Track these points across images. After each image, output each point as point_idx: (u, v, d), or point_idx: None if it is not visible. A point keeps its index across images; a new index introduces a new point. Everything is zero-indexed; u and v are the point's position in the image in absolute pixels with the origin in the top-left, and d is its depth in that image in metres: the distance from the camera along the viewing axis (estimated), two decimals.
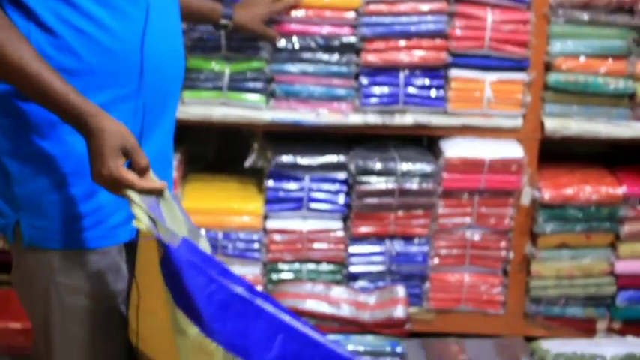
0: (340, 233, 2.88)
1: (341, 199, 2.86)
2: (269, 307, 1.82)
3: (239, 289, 1.80)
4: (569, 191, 2.88)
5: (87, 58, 1.77)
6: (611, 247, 2.96)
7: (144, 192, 1.71)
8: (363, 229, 2.88)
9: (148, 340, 1.93)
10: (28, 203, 1.84)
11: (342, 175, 2.85)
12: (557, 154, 3.00)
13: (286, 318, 1.84)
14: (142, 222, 1.68)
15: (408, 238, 2.91)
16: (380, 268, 2.92)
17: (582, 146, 3.05)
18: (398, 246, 2.91)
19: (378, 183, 2.83)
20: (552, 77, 2.82)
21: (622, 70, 2.82)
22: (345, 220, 2.89)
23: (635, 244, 2.94)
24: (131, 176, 1.70)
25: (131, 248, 1.95)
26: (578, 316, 2.99)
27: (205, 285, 1.74)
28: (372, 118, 2.79)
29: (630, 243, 2.94)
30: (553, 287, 2.97)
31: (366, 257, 2.91)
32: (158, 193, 1.75)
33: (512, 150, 2.83)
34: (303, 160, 2.83)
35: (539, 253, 2.93)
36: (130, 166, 1.73)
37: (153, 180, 1.74)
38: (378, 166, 2.82)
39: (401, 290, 2.86)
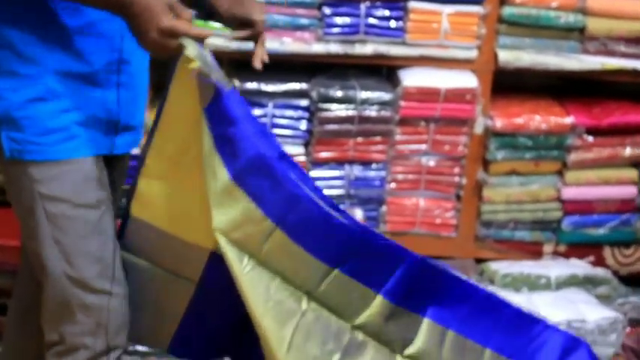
0: (302, 158, 2.99)
1: (303, 125, 2.97)
2: (293, 175, 1.93)
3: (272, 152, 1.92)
4: (519, 120, 3.02)
5: None
6: (559, 174, 3.10)
7: (195, 38, 1.82)
8: (324, 155, 3.00)
9: (149, 206, 2.02)
10: (6, 117, 1.92)
11: (304, 102, 2.96)
12: (510, 85, 3.13)
13: (307, 190, 1.93)
14: (196, 61, 1.82)
15: (366, 164, 3.03)
16: (339, 192, 3.04)
17: (534, 78, 3.18)
18: (356, 171, 3.03)
19: (339, 110, 2.94)
20: (506, 11, 2.95)
21: (573, 5, 2.95)
22: (306, 145, 3.01)
23: (580, 171, 3.09)
24: (184, 24, 1.81)
25: (111, 162, 2.05)
26: (526, 240, 3.14)
27: (249, 132, 1.87)
28: (334, 48, 2.90)
29: (576, 171, 3.08)
30: (503, 212, 3.11)
31: (326, 181, 3.03)
32: (204, 39, 1.86)
33: (466, 80, 2.96)
34: (267, 87, 2.94)
35: (490, 180, 3.07)
36: None
37: (200, 27, 1.87)
38: (339, 93, 2.93)
39: (359, 213, 3.00)
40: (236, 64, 2.98)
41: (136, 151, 2.18)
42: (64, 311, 2.00)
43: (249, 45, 2.06)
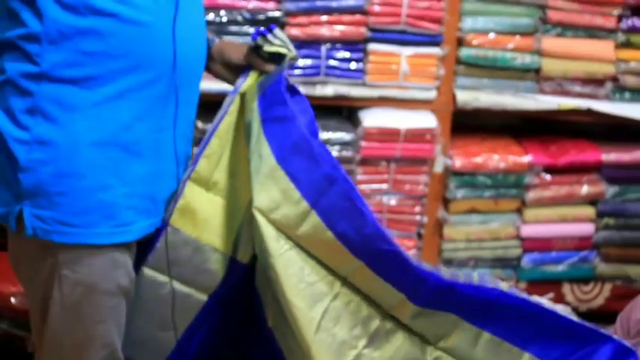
0: None
1: None
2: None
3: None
4: (478, 160, 3.07)
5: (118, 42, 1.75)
6: (518, 212, 3.15)
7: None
8: None
9: (189, 216, 2.00)
10: (34, 193, 1.74)
11: None
12: (469, 125, 3.19)
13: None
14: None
15: None
16: None
17: (493, 118, 3.24)
18: None
19: None
20: (464, 52, 3.01)
21: (529, 46, 3.02)
22: None
23: (539, 209, 3.14)
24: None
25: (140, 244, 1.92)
26: None
27: (296, 113, 1.95)
28: None
29: (535, 208, 3.14)
30: (464, 250, 3.16)
31: None
32: None
33: (426, 120, 3.01)
34: None
35: (450, 218, 3.12)
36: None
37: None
38: None
39: None
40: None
41: None
42: None
43: (212, 86, 2.08)
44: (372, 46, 2.95)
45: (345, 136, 2.98)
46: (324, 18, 2.91)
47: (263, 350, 2.14)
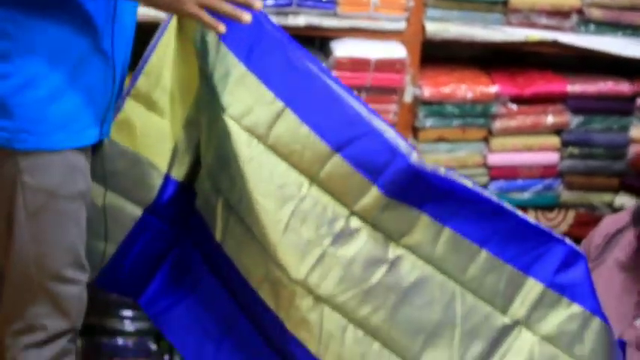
0: None
1: None
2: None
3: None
4: (447, 89, 3.15)
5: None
6: (485, 141, 3.23)
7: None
8: None
9: (127, 130, 2.13)
10: None
11: None
12: (439, 56, 3.26)
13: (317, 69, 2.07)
14: None
15: None
16: None
17: (462, 50, 3.31)
18: None
19: None
20: None
21: None
22: None
23: (505, 138, 3.23)
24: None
25: (96, 150, 2.07)
26: None
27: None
28: None
29: (501, 137, 3.22)
30: None
31: None
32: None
33: (396, 51, 3.08)
34: None
35: (419, 146, 3.20)
36: None
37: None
38: None
39: None
40: None
41: None
42: (27, 295, 2.04)
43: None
44: None
45: None
46: None
47: (206, 266, 2.24)
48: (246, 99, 2.06)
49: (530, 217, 3.27)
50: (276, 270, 2.09)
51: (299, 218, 2.07)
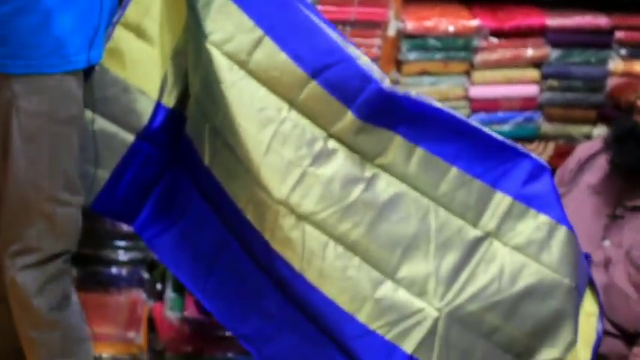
0: None
1: None
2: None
3: None
4: (429, 23, 3.23)
5: None
6: (466, 74, 3.31)
7: None
8: None
9: (117, 56, 2.22)
10: None
11: None
12: None
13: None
14: None
15: None
16: None
17: None
18: None
19: None
20: None
21: None
22: None
23: (486, 71, 3.30)
24: None
25: (86, 75, 2.15)
26: None
27: None
28: None
29: (482, 71, 3.30)
30: None
31: None
32: None
33: None
34: None
35: (403, 79, 3.27)
36: None
37: None
38: None
39: None
40: None
41: None
42: (24, 217, 2.11)
43: None
44: None
45: None
46: None
47: (196, 190, 2.33)
48: (227, 26, 2.16)
49: None
50: (259, 191, 2.18)
51: (279, 140, 2.17)
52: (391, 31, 3.22)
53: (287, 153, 2.18)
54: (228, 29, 2.15)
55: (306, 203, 2.19)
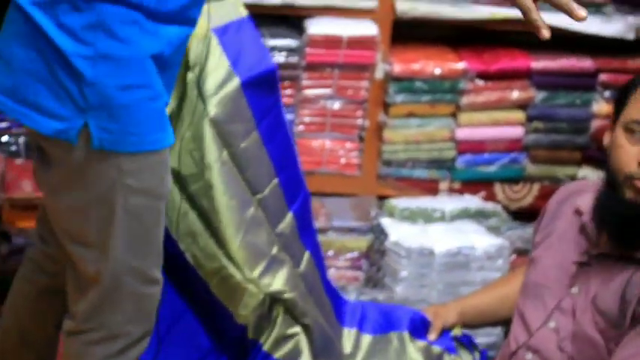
0: None
1: None
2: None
3: None
4: (416, 66, 3.26)
5: None
6: (453, 116, 3.34)
7: None
8: None
9: None
10: (100, 105, 1.79)
11: None
12: (411, 36, 3.35)
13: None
14: None
15: None
16: None
17: (432, 30, 3.41)
18: None
19: None
20: None
21: None
22: None
23: (472, 113, 3.34)
24: None
25: None
26: (423, 177, 3.38)
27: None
28: None
29: (469, 112, 3.34)
30: (402, 152, 3.34)
31: None
32: None
33: (368, 28, 3.19)
34: None
35: (390, 122, 3.30)
36: None
37: None
38: None
39: None
40: None
41: None
42: (112, 300, 1.95)
43: None
44: None
45: (291, 42, 3.15)
46: None
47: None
48: (232, 111, 2.19)
49: (497, 190, 3.43)
50: (230, 266, 2.19)
51: (256, 222, 2.20)
52: (379, 74, 3.25)
53: (261, 237, 2.21)
54: (230, 114, 2.17)
55: (276, 283, 2.23)
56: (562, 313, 2.29)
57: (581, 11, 1.77)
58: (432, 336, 2.47)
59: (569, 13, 1.79)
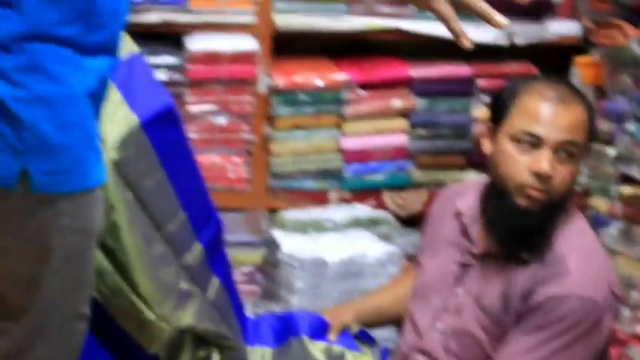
0: None
1: None
2: None
3: None
4: (298, 78, 3.32)
5: None
6: (337, 127, 3.40)
7: None
8: None
9: None
10: (39, 147, 1.75)
11: None
12: (293, 49, 3.40)
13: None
14: None
15: None
16: None
17: (314, 44, 3.46)
18: None
19: None
20: None
21: None
22: None
23: (356, 123, 3.40)
24: None
25: None
26: (313, 189, 3.43)
27: None
28: None
29: (353, 122, 3.40)
30: (290, 164, 3.39)
31: None
32: None
33: (248, 43, 3.24)
34: None
35: (276, 135, 3.35)
36: None
37: None
38: None
39: None
40: None
41: None
42: (39, 337, 1.89)
43: None
44: None
45: (172, 59, 3.19)
46: None
47: None
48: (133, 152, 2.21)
49: (387, 198, 3.48)
50: (139, 303, 2.20)
51: (164, 259, 2.22)
52: (262, 88, 3.29)
53: (170, 273, 2.22)
54: (132, 155, 2.18)
55: (185, 317, 2.24)
56: (447, 313, 2.34)
57: (500, 18, 1.80)
58: (332, 336, 2.49)
59: (489, 21, 1.81)
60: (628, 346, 2.80)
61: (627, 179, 3.06)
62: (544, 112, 2.23)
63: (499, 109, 2.31)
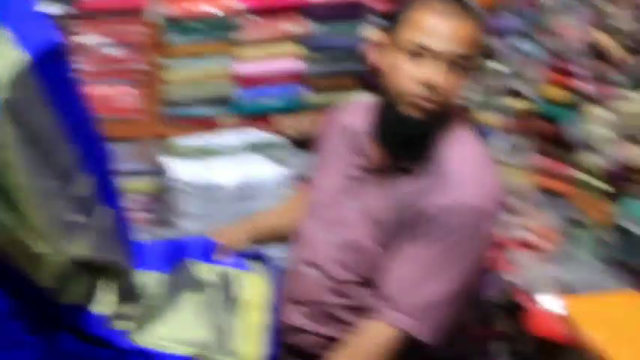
0: None
1: None
2: None
3: None
4: (190, 6, 3.30)
5: None
6: (230, 53, 3.41)
7: None
8: None
9: None
10: None
11: None
12: None
13: None
14: None
15: None
16: None
17: None
18: None
19: None
20: None
21: None
22: None
23: (249, 49, 3.42)
24: None
25: None
26: (206, 115, 3.45)
27: None
28: None
29: (245, 48, 3.42)
30: (182, 92, 3.40)
31: None
32: None
33: None
34: None
35: (169, 63, 3.35)
36: None
37: None
38: None
39: None
40: None
41: None
42: None
43: None
44: None
45: None
46: None
47: None
48: None
49: (280, 122, 3.51)
50: (28, 238, 2.22)
51: (53, 192, 2.23)
52: (153, 17, 3.28)
53: (60, 204, 2.19)
54: (23, 94, 2.15)
55: (77, 248, 2.26)
56: (338, 226, 2.39)
57: None
58: (220, 256, 2.55)
59: None
60: (507, 249, 2.92)
61: (516, 94, 3.16)
62: (435, 24, 2.26)
63: (393, 23, 2.35)
